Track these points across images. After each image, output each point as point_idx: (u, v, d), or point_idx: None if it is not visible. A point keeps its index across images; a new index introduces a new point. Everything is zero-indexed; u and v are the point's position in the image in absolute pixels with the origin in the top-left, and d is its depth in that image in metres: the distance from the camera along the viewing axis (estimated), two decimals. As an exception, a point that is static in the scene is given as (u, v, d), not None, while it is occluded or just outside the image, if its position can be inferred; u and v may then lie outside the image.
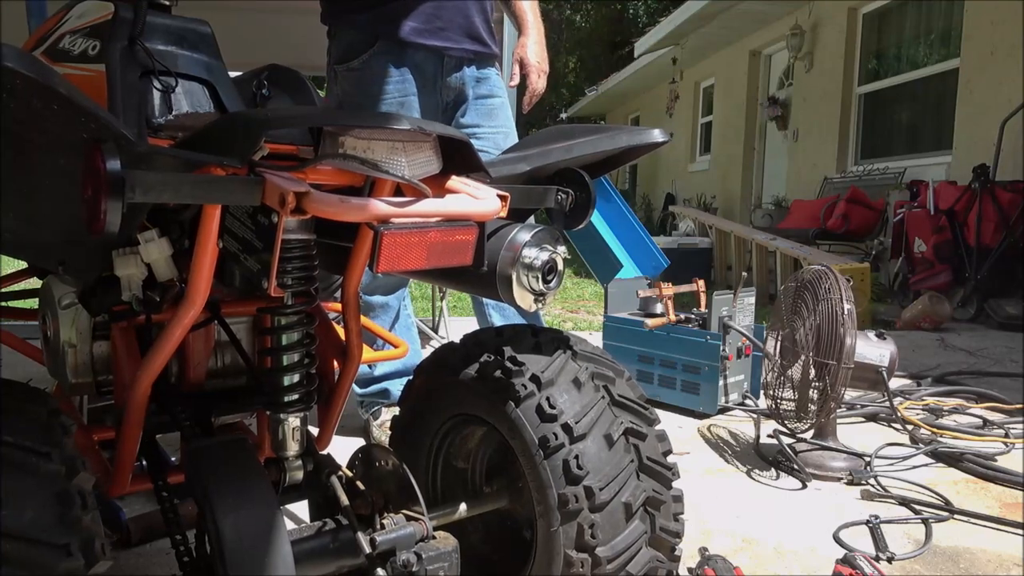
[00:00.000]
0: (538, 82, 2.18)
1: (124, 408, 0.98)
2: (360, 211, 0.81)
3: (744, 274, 3.12)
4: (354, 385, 2.02)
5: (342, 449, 1.24)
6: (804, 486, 1.98)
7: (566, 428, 1.00)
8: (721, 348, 2.52)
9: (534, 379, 1.03)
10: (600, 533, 1.00)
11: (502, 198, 0.91)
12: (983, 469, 2.05)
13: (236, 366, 1.18)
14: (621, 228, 3.28)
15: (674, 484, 1.10)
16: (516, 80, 2.18)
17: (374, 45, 2.01)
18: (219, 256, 0.90)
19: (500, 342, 1.10)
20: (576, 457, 1.00)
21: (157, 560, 1.45)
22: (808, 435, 2.14)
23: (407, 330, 2.38)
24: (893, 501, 1.88)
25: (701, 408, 2.58)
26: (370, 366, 2.27)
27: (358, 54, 2.02)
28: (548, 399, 1.02)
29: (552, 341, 1.10)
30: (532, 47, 2.18)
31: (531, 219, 1.21)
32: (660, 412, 2.44)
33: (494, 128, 2.18)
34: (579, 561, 1.00)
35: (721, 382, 2.56)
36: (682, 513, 1.10)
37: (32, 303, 1.33)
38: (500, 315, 2.21)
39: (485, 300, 2.21)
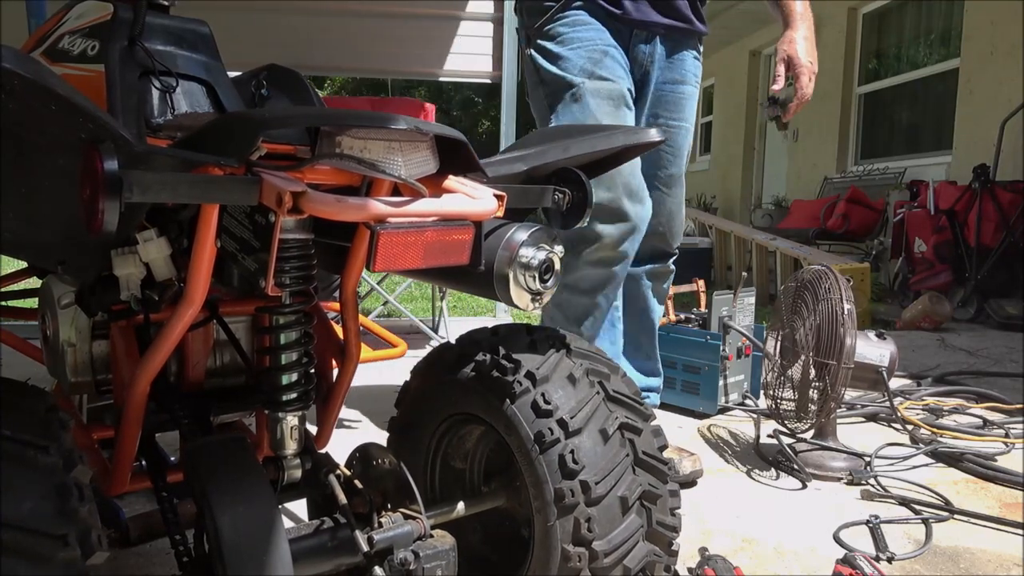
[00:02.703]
0: (808, 86, 1.81)
1: (123, 407, 0.98)
2: (357, 211, 0.81)
3: (744, 274, 3.12)
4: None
5: (341, 448, 1.24)
6: (804, 486, 1.98)
7: (561, 423, 1.01)
8: (721, 348, 2.52)
9: (529, 376, 1.04)
10: (597, 527, 1.00)
11: (499, 198, 0.92)
12: (983, 469, 2.05)
13: (235, 365, 1.18)
14: (621, 228, 3.27)
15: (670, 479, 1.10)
16: (780, 83, 1.82)
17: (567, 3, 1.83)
18: (217, 256, 0.91)
19: (495, 341, 1.10)
20: (572, 452, 1.00)
21: (157, 560, 1.45)
22: (808, 435, 2.14)
23: (611, 326, 2.03)
24: (893, 501, 1.88)
25: (701, 408, 2.58)
26: None
27: (550, 10, 1.85)
28: (543, 395, 1.02)
29: (547, 339, 1.11)
30: (801, 43, 1.81)
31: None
32: (660, 412, 2.46)
33: (677, 120, 1.93)
34: (576, 555, 1.01)
35: (721, 382, 2.56)
36: (679, 508, 1.10)
37: (32, 303, 1.34)
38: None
39: None
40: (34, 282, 1.35)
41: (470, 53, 4.02)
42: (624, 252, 1.86)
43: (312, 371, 1.10)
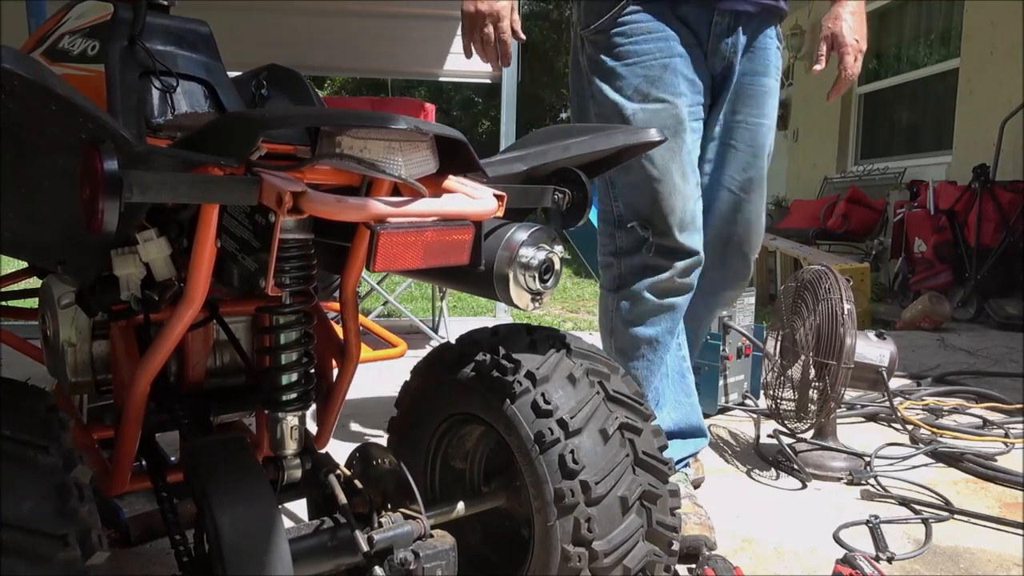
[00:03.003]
0: (854, 66, 1.64)
1: (123, 407, 0.98)
2: (357, 211, 0.81)
3: (744, 274, 3.11)
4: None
5: (341, 448, 1.25)
6: (804, 486, 1.98)
7: (561, 423, 1.01)
8: (721, 348, 2.52)
9: (529, 376, 1.04)
10: (597, 527, 1.00)
11: (499, 198, 0.92)
12: (983, 469, 2.05)
13: (235, 365, 1.18)
14: (621, 228, 3.27)
15: (671, 479, 1.10)
16: (823, 64, 1.66)
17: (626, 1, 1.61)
18: (217, 256, 0.91)
19: (495, 341, 1.10)
20: (572, 452, 1.00)
21: (157, 560, 1.45)
22: (808, 435, 2.14)
23: (680, 378, 1.84)
24: (893, 501, 1.88)
25: (701, 408, 2.58)
26: None
27: (608, 11, 1.62)
28: (543, 395, 1.02)
29: (547, 339, 1.11)
30: (848, 19, 1.64)
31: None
32: (659, 412, 2.45)
33: (757, 117, 1.72)
34: (576, 555, 1.01)
35: (721, 382, 2.56)
36: (679, 508, 1.10)
37: (32, 303, 1.34)
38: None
39: None
40: (34, 282, 1.35)
41: (470, 53, 4.01)
42: (689, 284, 1.72)
43: (312, 371, 1.10)
